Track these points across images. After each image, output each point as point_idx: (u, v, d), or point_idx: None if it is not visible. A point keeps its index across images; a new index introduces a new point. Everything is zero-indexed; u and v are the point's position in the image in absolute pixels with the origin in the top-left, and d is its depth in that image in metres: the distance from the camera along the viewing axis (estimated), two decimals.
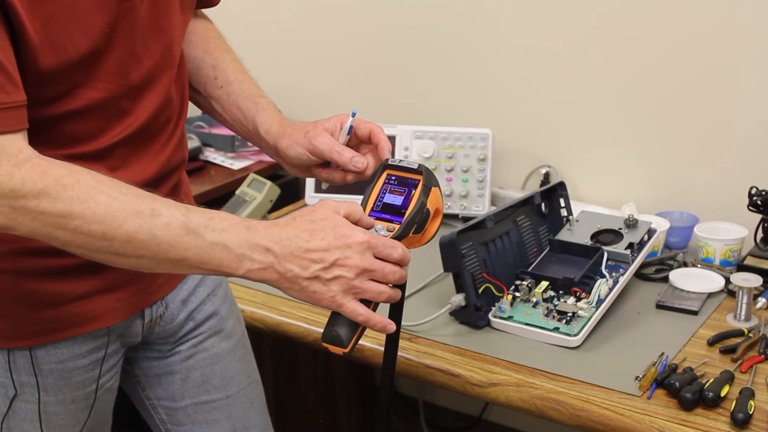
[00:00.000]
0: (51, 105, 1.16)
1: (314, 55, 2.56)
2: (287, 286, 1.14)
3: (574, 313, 1.65)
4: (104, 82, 1.18)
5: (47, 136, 1.16)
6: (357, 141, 1.32)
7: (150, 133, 1.28)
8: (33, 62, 1.10)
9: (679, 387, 1.46)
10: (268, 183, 2.11)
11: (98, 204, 1.07)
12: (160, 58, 1.25)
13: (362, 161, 1.29)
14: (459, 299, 1.68)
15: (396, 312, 1.24)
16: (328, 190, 2.18)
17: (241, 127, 1.42)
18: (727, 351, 1.61)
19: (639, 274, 1.88)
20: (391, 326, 1.19)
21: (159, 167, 1.31)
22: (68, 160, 1.13)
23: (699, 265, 1.91)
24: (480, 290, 1.69)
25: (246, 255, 1.11)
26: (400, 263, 1.17)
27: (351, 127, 1.30)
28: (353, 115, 1.30)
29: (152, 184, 1.30)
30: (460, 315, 1.71)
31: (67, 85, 1.16)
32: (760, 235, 1.92)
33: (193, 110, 1.48)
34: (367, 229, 1.17)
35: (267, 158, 2.53)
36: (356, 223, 1.17)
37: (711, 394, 1.44)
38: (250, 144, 2.53)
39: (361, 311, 1.15)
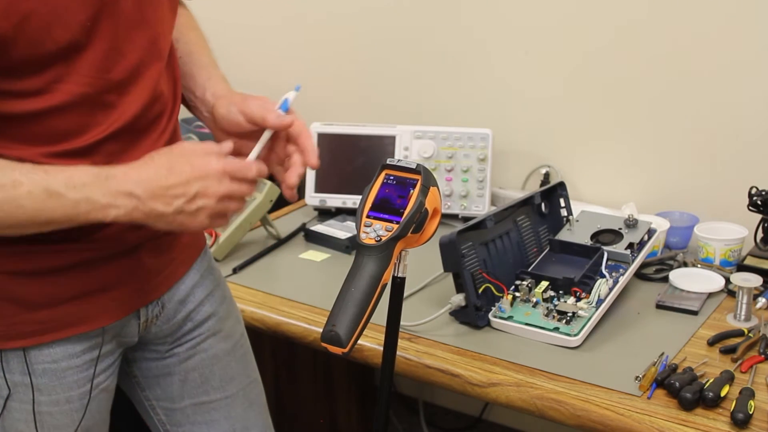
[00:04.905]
0: (30, 99, 1.15)
1: (314, 56, 2.56)
2: (154, 222, 1.19)
3: (574, 313, 1.65)
4: (86, 77, 1.18)
5: (30, 133, 1.16)
6: (284, 141, 1.33)
7: (139, 129, 1.27)
8: (3, 53, 1.10)
9: (679, 387, 1.46)
10: (268, 183, 2.10)
11: None
12: (146, 52, 1.25)
13: (288, 118, 1.29)
14: (459, 299, 1.68)
15: (395, 311, 1.24)
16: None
17: (189, 93, 1.42)
18: (727, 351, 1.61)
19: (639, 274, 1.88)
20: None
21: None
22: (54, 158, 1.15)
23: (699, 265, 1.91)
24: (480, 290, 1.69)
25: (110, 203, 1.16)
26: (259, 176, 1.23)
27: (287, 101, 1.31)
28: (297, 89, 1.30)
29: None
30: (460, 315, 1.71)
31: (45, 79, 1.15)
32: (760, 235, 1.92)
33: None
34: (224, 157, 1.22)
35: None
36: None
37: (711, 394, 1.44)
38: None
39: (225, 218, 1.23)
